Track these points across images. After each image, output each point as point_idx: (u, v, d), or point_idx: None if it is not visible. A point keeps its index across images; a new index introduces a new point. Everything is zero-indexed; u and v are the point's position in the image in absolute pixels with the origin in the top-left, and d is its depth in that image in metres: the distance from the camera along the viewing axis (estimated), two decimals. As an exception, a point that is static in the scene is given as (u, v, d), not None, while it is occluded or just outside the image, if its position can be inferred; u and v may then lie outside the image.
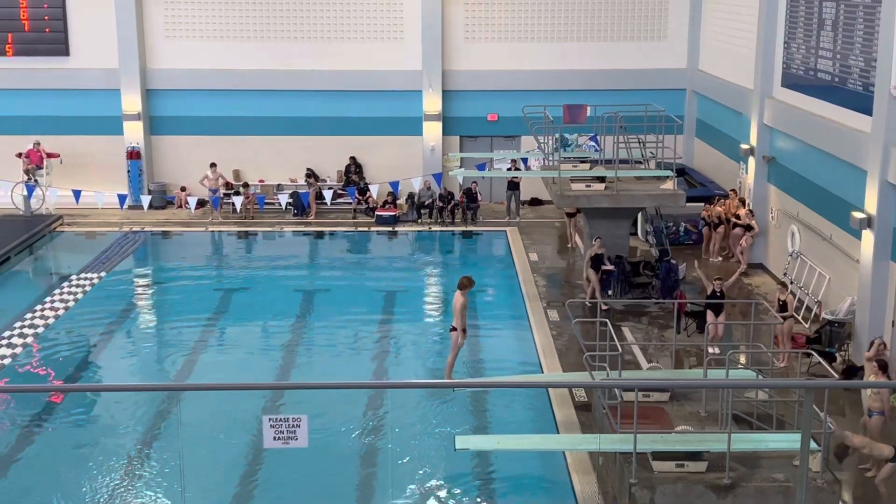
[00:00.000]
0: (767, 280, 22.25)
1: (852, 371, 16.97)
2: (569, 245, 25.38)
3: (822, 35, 20.07)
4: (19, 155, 27.98)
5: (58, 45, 28.69)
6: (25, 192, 27.25)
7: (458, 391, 16.62)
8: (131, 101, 28.80)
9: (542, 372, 17.63)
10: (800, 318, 19.52)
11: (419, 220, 27.79)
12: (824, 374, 16.56)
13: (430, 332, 20.27)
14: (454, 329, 16.31)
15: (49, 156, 28.20)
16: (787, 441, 13.01)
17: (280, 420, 8.99)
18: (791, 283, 20.68)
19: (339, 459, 14.95)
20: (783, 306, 17.89)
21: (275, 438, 9.01)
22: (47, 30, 28.64)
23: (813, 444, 11.75)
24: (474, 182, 27.81)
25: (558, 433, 15.28)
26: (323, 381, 16.74)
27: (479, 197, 27.92)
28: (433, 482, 14.43)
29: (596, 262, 20.48)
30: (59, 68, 28.79)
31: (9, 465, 15.02)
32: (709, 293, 18.28)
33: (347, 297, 22.44)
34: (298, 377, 18.14)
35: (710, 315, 17.97)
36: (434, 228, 27.44)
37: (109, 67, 28.68)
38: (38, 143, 28.15)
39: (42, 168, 28.05)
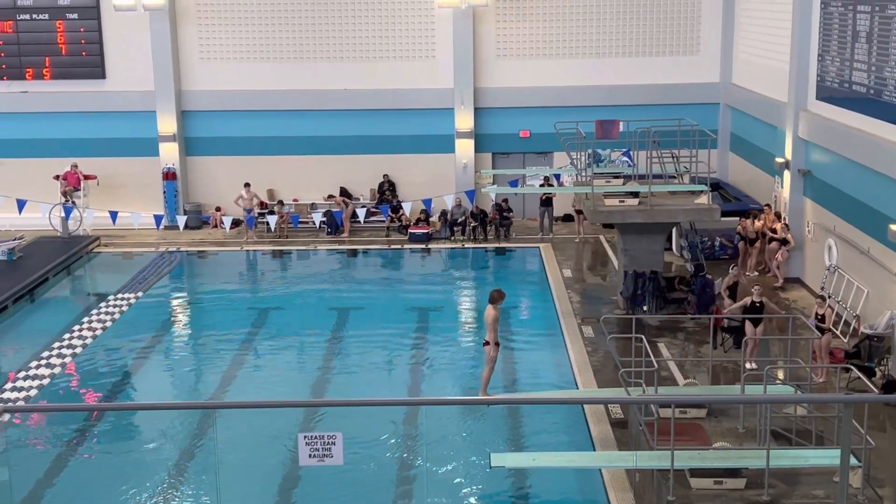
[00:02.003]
0: (805, 294, 22.04)
1: (892, 386, 16.73)
2: (576, 240, 27.11)
3: (856, 47, 19.92)
4: (57, 177, 28.35)
5: (94, 68, 29.08)
6: (63, 214, 27.58)
7: (493, 408, 16.58)
8: (167, 123, 29.12)
9: (578, 388, 17.55)
10: (838, 332, 19.29)
11: (452, 238, 27.82)
12: (864, 389, 16.39)
13: (463, 349, 20.26)
14: (487, 343, 16.27)
15: (86, 178, 28.55)
16: (826, 457, 12.87)
17: (315, 437, 9.03)
18: (829, 297, 20.46)
19: (374, 477, 14.95)
20: (821, 320, 17.68)
21: (310, 456, 9.04)
22: (84, 53, 29.05)
23: (853, 460, 11.61)
24: (504, 199, 27.85)
25: (594, 450, 15.18)
26: (357, 398, 16.79)
27: (511, 213, 27.90)
28: (469, 499, 14.38)
29: (733, 291, 19.71)
30: (96, 91, 29.18)
31: (48, 483, 15.15)
32: (748, 305, 18.08)
33: (381, 315, 22.49)
34: (333, 394, 18.19)
35: (748, 326, 17.78)
36: (467, 245, 27.46)
37: (145, 90, 29.03)
38: (76, 166, 28.52)
39: (79, 190, 28.40)
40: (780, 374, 17.05)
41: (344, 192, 29.05)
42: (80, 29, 28.91)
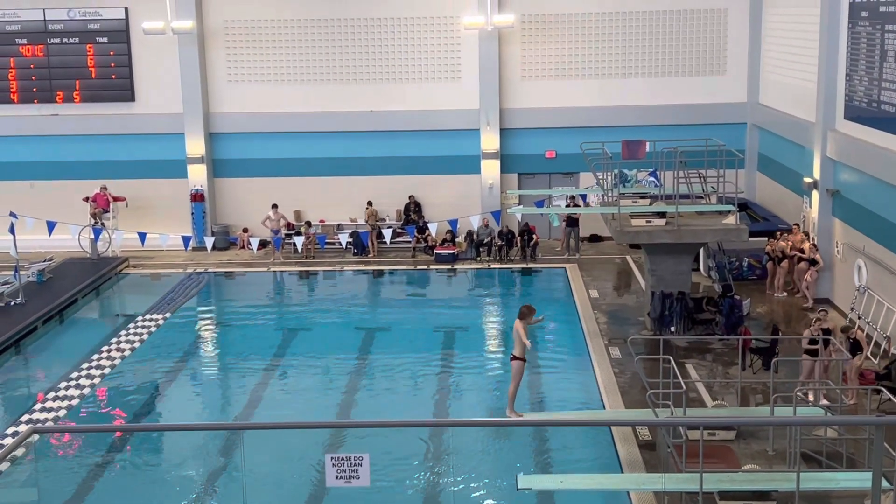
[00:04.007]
0: (834, 315, 21.83)
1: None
2: (557, 249, 27.94)
3: (884, 66, 19.81)
4: (86, 199, 28.64)
5: (124, 91, 29.39)
6: (92, 236, 27.81)
7: (519, 429, 16.49)
8: (195, 145, 29.35)
9: (605, 409, 17.44)
10: (868, 354, 19.08)
11: (478, 258, 27.81)
12: (895, 412, 16.18)
13: (490, 370, 20.20)
14: (514, 357, 16.00)
15: (115, 199, 28.83)
16: (857, 480, 12.72)
17: (342, 459, 9.02)
18: (859, 317, 20.28)
19: (401, 498, 14.89)
20: (855, 343, 17.44)
21: (337, 477, 9.03)
22: (113, 76, 29.37)
23: (885, 483, 11.46)
24: (525, 223, 27.83)
25: (622, 472, 15.08)
26: (384, 420, 16.76)
27: (535, 234, 27.85)
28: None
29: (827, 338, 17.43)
30: (125, 114, 29.48)
31: (76, 503, 15.23)
32: (808, 337, 17.30)
33: (407, 335, 22.50)
34: (359, 415, 18.17)
35: (806, 359, 17.26)
36: (493, 266, 27.43)
37: (174, 112, 29.30)
38: (105, 188, 28.79)
39: (108, 211, 28.68)
40: (811, 396, 16.89)
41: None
42: (109, 52, 29.25)
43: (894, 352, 18.30)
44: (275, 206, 28.56)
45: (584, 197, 26.90)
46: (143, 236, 27.55)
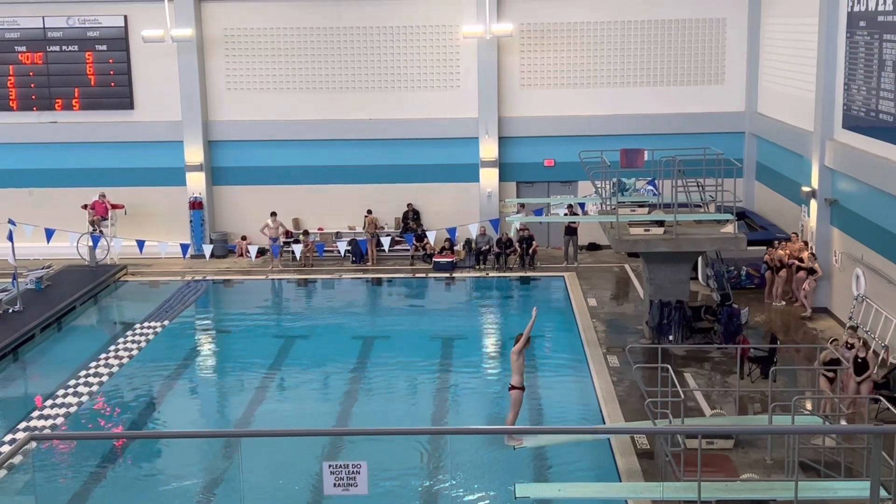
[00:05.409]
0: (832, 324, 21.85)
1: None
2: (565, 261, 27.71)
3: (882, 76, 19.85)
4: (85, 206, 28.64)
5: (123, 98, 29.41)
6: (91, 243, 27.80)
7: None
8: (194, 153, 29.37)
9: (603, 418, 17.43)
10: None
11: (477, 267, 27.82)
12: (893, 420, 16.19)
13: (488, 379, 20.19)
14: (513, 387, 15.79)
15: (114, 207, 28.83)
16: (856, 489, 12.70)
17: (340, 466, 9.01)
18: (857, 327, 20.26)
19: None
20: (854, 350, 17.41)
21: (335, 485, 9.02)
22: (112, 84, 29.39)
23: (883, 492, 11.45)
24: (525, 229, 27.81)
25: (620, 481, 15.06)
26: (382, 427, 16.76)
27: (535, 242, 27.85)
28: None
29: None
30: (124, 121, 29.50)
31: (74, 511, 15.19)
32: (849, 358, 16.90)
33: (406, 344, 22.48)
34: (358, 423, 18.16)
35: (849, 378, 17.02)
36: (492, 274, 27.44)
37: (173, 120, 29.32)
38: (104, 195, 28.80)
39: (107, 219, 28.68)
40: (809, 405, 16.89)
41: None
42: (108, 60, 29.28)
43: (892, 361, 18.29)
44: (273, 214, 28.57)
45: (582, 205, 26.93)
46: (141, 244, 27.51)
